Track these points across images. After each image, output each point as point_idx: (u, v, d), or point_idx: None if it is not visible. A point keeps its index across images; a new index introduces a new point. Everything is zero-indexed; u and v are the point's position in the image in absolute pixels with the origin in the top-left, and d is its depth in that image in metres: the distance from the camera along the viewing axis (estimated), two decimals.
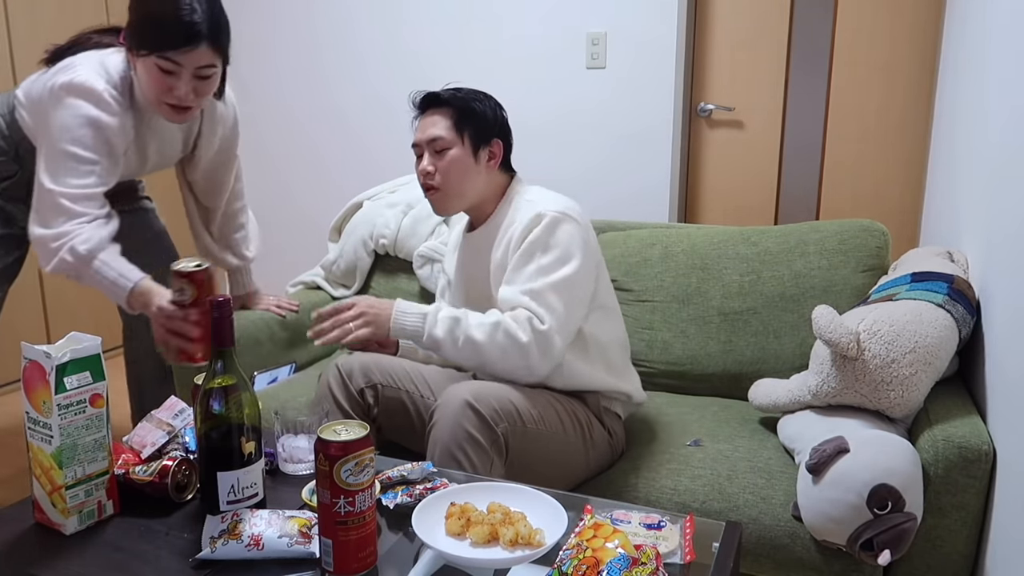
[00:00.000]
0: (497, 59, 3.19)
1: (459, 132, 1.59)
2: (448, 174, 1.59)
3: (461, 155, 1.59)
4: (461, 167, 1.59)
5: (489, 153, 1.62)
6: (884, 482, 1.32)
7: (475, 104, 1.61)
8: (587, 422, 1.59)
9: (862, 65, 2.82)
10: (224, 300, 1.08)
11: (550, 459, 1.51)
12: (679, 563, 1.02)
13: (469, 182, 1.60)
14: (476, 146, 1.60)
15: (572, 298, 1.51)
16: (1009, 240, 1.45)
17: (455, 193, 1.61)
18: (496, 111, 1.65)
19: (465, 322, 1.48)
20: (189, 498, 1.19)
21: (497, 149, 1.63)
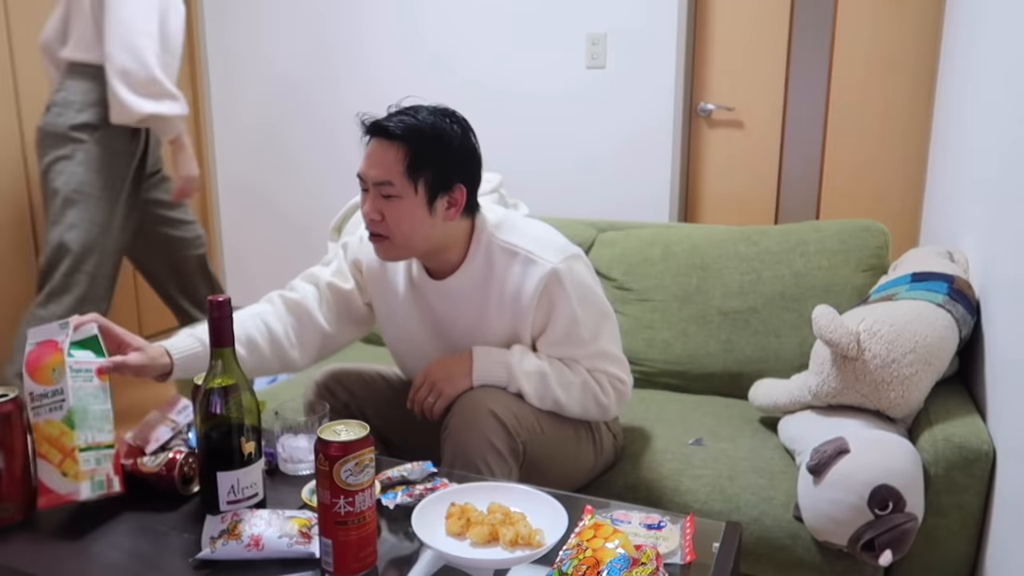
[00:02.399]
0: (497, 59, 3.19)
1: (412, 179, 1.32)
2: (398, 225, 1.34)
3: (413, 206, 1.33)
4: (412, 219, 1.34)
5: (448, 201, 1.36)
6: (885, 482, 1.32)
7: (435, 142, 1.33)
8: (596, 425, 1.58)
9: (862, 65, 2.82)
10: (224, 300, 1.08)
11: (563, 463, 1.50)
12: (679, 563, 1.02)
13: (421, 234, 1.36)
14: (432, 195, 1.34)
15: (617, 334, 1.52)
16: (1009, 240, 1.45)
17: (404, 245, 1.37)
18: (462, 144, 1.36)
19: (551, 380, 1.42)
20: (196, 490, 1.19)
21: (460, 195, 1.36)
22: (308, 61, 3.54)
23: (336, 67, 3.48)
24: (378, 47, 3.38)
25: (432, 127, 1.33)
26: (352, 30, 3.41)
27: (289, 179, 3.72)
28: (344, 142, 3.55)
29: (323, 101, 3.55)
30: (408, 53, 3.33)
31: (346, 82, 3.47)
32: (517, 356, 1.41)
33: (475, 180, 1.39)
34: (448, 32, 3.24)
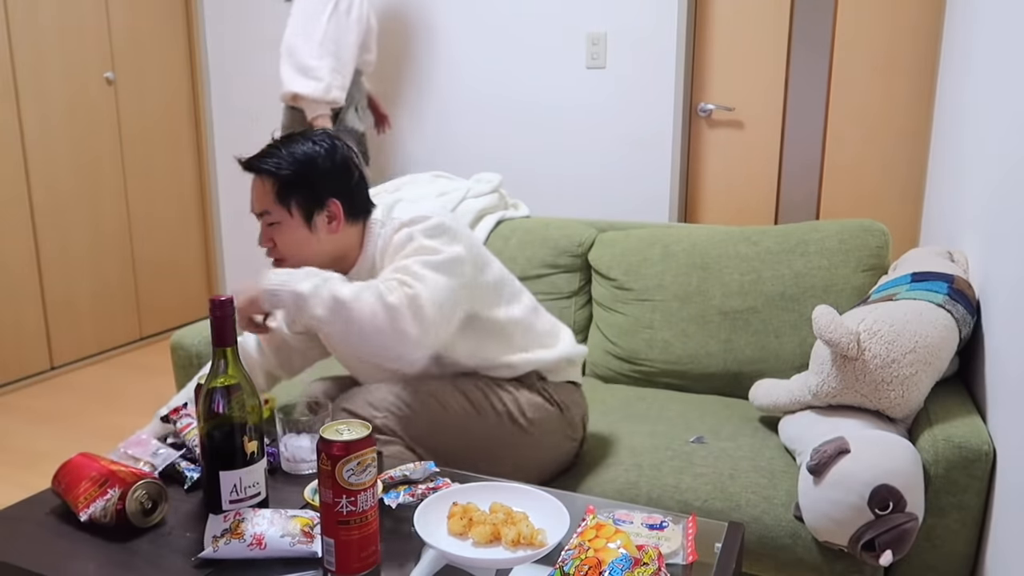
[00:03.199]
0: (497, 58, 3.19)
1: (285, 204, 1.42)
2: (287, 248, 1.45)
3: (293, 228, 1.43)
4: (296, 240, 1.44)
5: (327, 216, 1.44)
6: (885, 482, 1.33)
7: (298, 167, 1.42)
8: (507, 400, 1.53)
9: (862, 65, 2.82)
10: (226, 300, 1.08)
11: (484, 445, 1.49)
12: (681, 564, 1.02)
13: (310, 251, 1.45)
14: (308, 214, 1.43)
15: (450, 278, 1.40)
16: (1009, 240, 1.45)
17: (299, 264, 1.44)
18: (327, 162, 1.44)
19: (332, 280, 1.35)
20: (158, 520, 1.14)
21: (336, 209, 1.44)
22: None
23: None
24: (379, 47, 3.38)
25: (292, 154, 1.43)
26: None
27: None
28: None
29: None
30: (409, 52, 3.33)
31: None
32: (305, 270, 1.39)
33: (349, 191, 1.46)
34: (448, 32, 3.24)
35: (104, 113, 3.48)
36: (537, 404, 1.56)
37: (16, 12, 3.10)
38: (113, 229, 3.59)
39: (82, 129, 3.40)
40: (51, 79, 3.25)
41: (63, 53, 3.28)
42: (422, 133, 3.39)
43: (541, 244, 2.25)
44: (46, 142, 3.26)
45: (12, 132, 3.13)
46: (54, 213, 3.32)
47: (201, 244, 4.02)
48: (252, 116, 3.72)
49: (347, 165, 1.47)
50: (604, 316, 2.17)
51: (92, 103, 3.43)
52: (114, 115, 3.52)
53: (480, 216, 2.36)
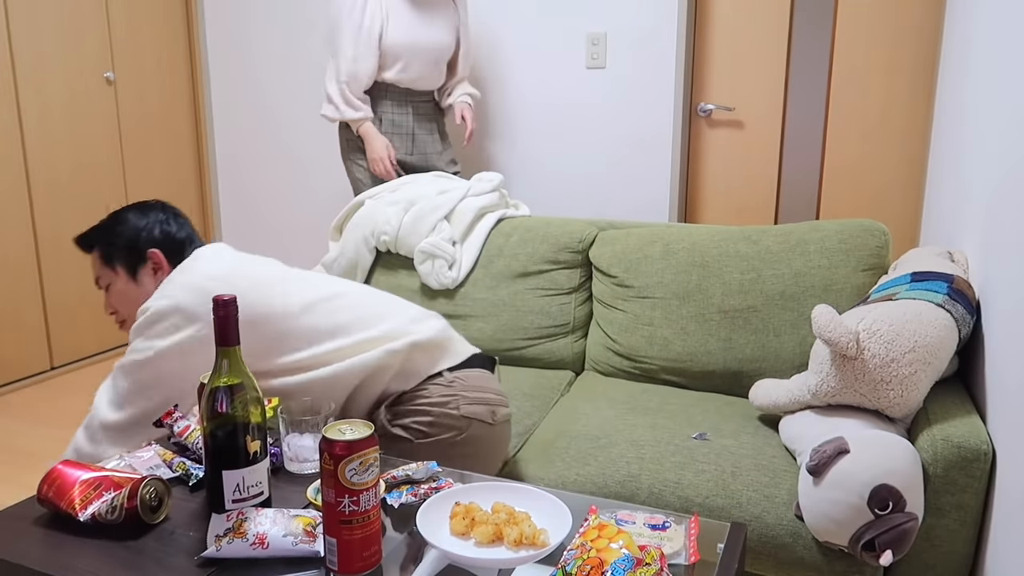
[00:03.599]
0: (497, 58, 3.19)
1: (110, 266, 1.55)
2: (122, 305, 1.56)
3: (120, 285, 1.55)
4: (126, 296, 1.55)
5: (152, 267, 1.54)
6: (885, 482, 1.33)
7: (116, 231, 1.54)
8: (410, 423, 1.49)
9: (862, 65, 2.82)
10: (229, 299, 1.08)
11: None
12: (683, 564, 1.03)
13: (140, 303, 1.53)
14: (132, 270, 1.54)
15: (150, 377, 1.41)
16: (1009, 240, 1.45)
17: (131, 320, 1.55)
18: (142, 219, 1.55)
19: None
20: (163, 517, 1.15)
21: (158, 258, 1.54)
22: (309, 61, 3.54)
23: None
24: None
25: (105, 223, 1.56)
26: None
27: (290, 179, 3.72)
28: None
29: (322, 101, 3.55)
30: None
31: None
32: None
33: (167, 237, 1.55)
34: None
35: (104, 113, 3.48)
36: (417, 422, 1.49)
37: (16, 12, 3.10)
38: None
39: (82, 129, 3.40)
40: (51, 79, 3.25)
41: (63, 53, 3.28)
42: None
43: (542, 241, 2.25)
44: (46, 142, 3.26)
45: (12, 132, 3.13)
46: (54, 213, 3.32)
47: None
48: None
49: (160, 215, 1.57)
50: (604, 313, 2.18)
51: (92, 103, 3.43)
52: (114, 115, 3.52)
53: (480, 215, 2.36)
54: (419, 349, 1.52)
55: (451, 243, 2.31)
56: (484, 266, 2.29)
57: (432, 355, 1.55)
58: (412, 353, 1.51)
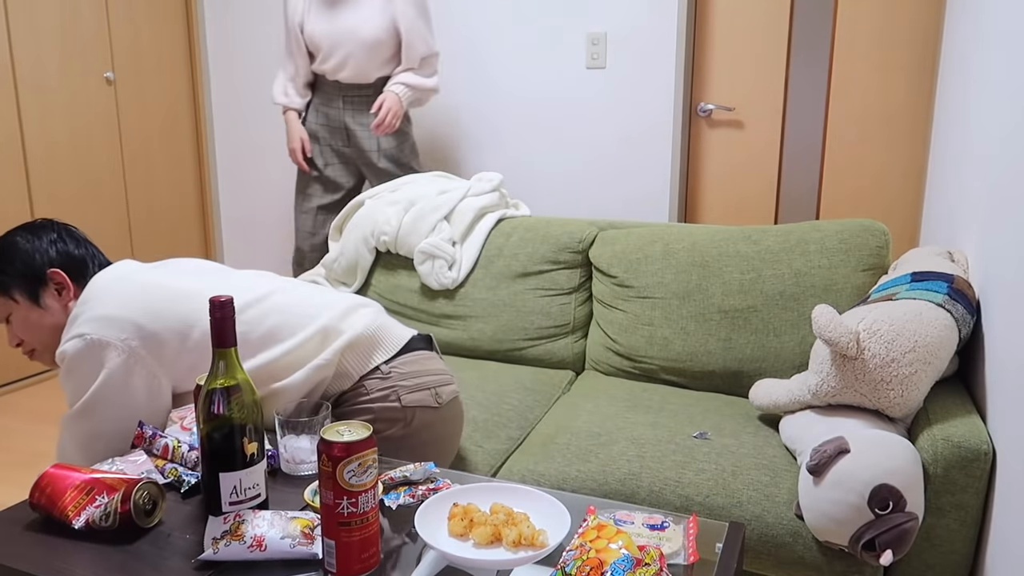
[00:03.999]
0: (497, 58, 3.19)
1: (7, 295, 1.43)
2: (28, 334, 1.45)
3: (23, 313, 1.44)
4: (31, 323, 1.44)
5: (55, 288, 1.44)
6: (885, 482, 1.33)
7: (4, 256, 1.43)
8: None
9: (862, 65, 2.82)
10: (226, 300, 1.08)
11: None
12: (683, 564, 1.02)
13: (49, 331, 1.45)
14: (33, 295, 1.43)
15: (105, 412, 1.35)
16: (1009, 240, 1.45)
17: (49, 346, 1.46)
18: (34, 240, 1.45)
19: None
20: (157, 521, 1.14)
21: (60, 278, 1.44)
22: None
23: None
24: None
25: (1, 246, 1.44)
26: None
27: (290, 179, 3.72)
28: None
29: None
30: None
31: None
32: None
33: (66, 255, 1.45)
34: (448, 32, 3.24)
35: (104, 113, 3.48)
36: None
37: (16, 12, 3.10)
38: (113, 229, 3.58)
39: (82, 129, 3.40)
40: (51, 79, 3.25)
41: (63, 53, 3.28)
42: (423, 133, 3.39)
43: (542, 241, 2.25)
44: (46, 142, 3.26)
45: (12, 132, 3.13)
46: (54, 213, 3.32)
47: (201, 244, 4.01)
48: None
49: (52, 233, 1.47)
50: (604, 313, 2.18)
51: (92, 103, 3.42)
52: (114, 115, 3.52)
53: (481, 214, 2.36)
54: (351, 349, 1.48)
55: (451, 243, 2.30)
56: (484, 266, 2.29)
57: (364, 352, 1.50)
58: (344, 355, 1.47)
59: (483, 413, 1.87)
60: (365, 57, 2.76)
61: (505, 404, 1.94)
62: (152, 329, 1.35)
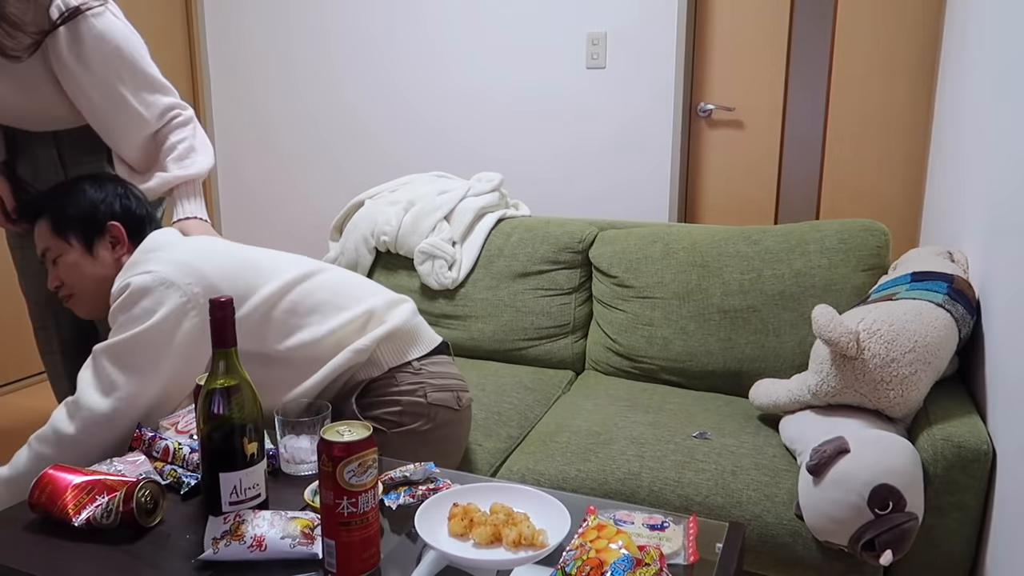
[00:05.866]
0: (498, 59, 3.19)
1: (63, 237, 1.45)
2: (71, 278, 1.46)
3: (74, 258, 1.45)
4: (78, 270, 1.45)
5: (110, 241, 1.47)
6: (885, 482, 1.33)
7: (71, 200, 1.46)
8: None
9: (862, 65, 2.82)
10: (226, 300, 1.08)
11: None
12: (683, 564, 1.02)
13: (96, 281, 1.46)
14: (88, 243, 1.46)
15: (132, 362, 1.32)
16: (1009, 240, 1.45)
17: (84, 294, 1.47)
18: (100, 191, 1.48)
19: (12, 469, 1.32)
20: (158, 520, 1.14)
21: (118, 232, 1.46)
22: (308, 61, 3.54)
23: (336, 67, 3.48)
24: (379, 48, 3.38)
25: (57, 191, 1.48)
26: (353, 31, 3.41)
27: (290, 179, 3.72)
28: (345, 142, 3.55)
29: (323, 101, 3.55)
30: (408, 53, 3.33)
31: (347, 82, 3.48)
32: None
33: (127, 212, 1.48)
34: (449, 32, 3.24)
35: None
36: (387, 413, 1.47)
37: None
38: None
39: None
40: None
41: None
42: (422, 133, 3.39)
43: (542, 241, 2.25)
44: None
45: None
46: None
47: None
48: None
49: (118, 188, 1.50)
50: (604, 313, 2.18)
51: None
52: None
53: (481, 214, 2.36)
54: (388, 339, 1.50)
55: (451, 243, 2.30)
56: (484, 266, 2.29)
57: (401, 345, 1.52)
58: (381, 344, 1.49)
59: (483, 412, 1.88)
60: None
61: (505, 404, 1.94)
62: (218, 285, 1.37)
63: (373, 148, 3.49)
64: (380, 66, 3.39)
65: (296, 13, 3.50)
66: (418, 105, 3.37)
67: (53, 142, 1.87)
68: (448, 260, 2.28)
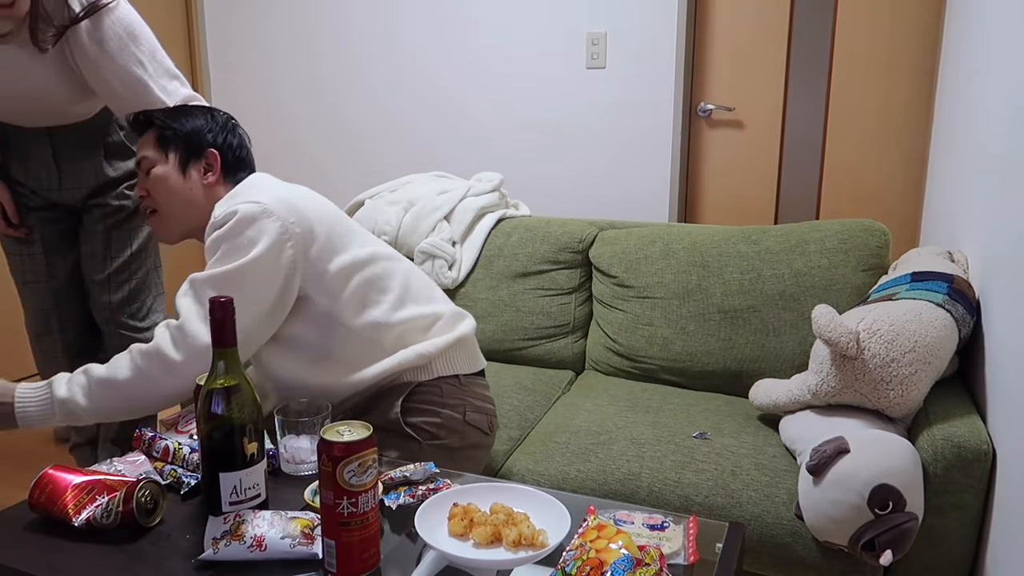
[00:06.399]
0: (497, 59, 3.19)
1: (163, 149, 1.48)
2: (158, 191, 1.48)
3: (166, 171, 1.47)
4: (166, 184, 1.47)
5: (204, 166, 1.49)
6: (885, 482, 1.33)
7: (182, 119, 1.50)
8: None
9: (862, 65, 2.82)
10: (226, 300, 1.08)
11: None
12: (683, 564, 1.02)
13: (180, 200, 1.48)
14: (184, 161, 1.48)
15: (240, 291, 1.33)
16: (1009, 240, 1.45)
17: (168, 212, 1.49)
18: (210, 121, 1.52)
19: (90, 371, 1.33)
20: (158, 520, 1.14)
21: (213, 160, 1.49)
22: (308, 61, 3.54)
23: (337, 67, 3.48)
24: (379, 48, 3.38)
25: (174, 108, 1.55)
26: (353, 31, 3.41)
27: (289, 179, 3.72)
28: (344, 142, 3.55)
29: (322, 102, 3.55)
30: (408, 53, 3.33)
31: (346, 83, 3.47)
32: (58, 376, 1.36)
33: (228, 147, 1.51)
34: (448, 32, 3.24)
35: None
36: (426, 422, 1.47)
37: None
38: None
39: None
40: None
41: None
42: (422, 133, 3.39)
43: (542, 241, 2.25)
44: None
45: None
46: None
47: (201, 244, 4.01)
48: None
49: (228, 124, 1.54)
50: (604, 313, 2.18)
51: None
52: None
53: (481, 214, 2.36)
54: (451, 349, 1.51)
55: (451, 243, 2.30)
56: (484, 266, 2.29)
57: (457, 357, 1.53)
58: (444, 351, 1.50)
59: None
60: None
61: (505, 404, 1.94)
62: (315, 229, 1.40)
63: (372, 148, 3.49)
64: (379, 66, 3.39)
65: (296, 14, 3.50)
66: (417, 105, 3.37)
67: (48, 141, 1.89)
68: (448, 260, 2.28)
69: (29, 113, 1.83)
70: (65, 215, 2.06)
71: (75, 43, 1.68)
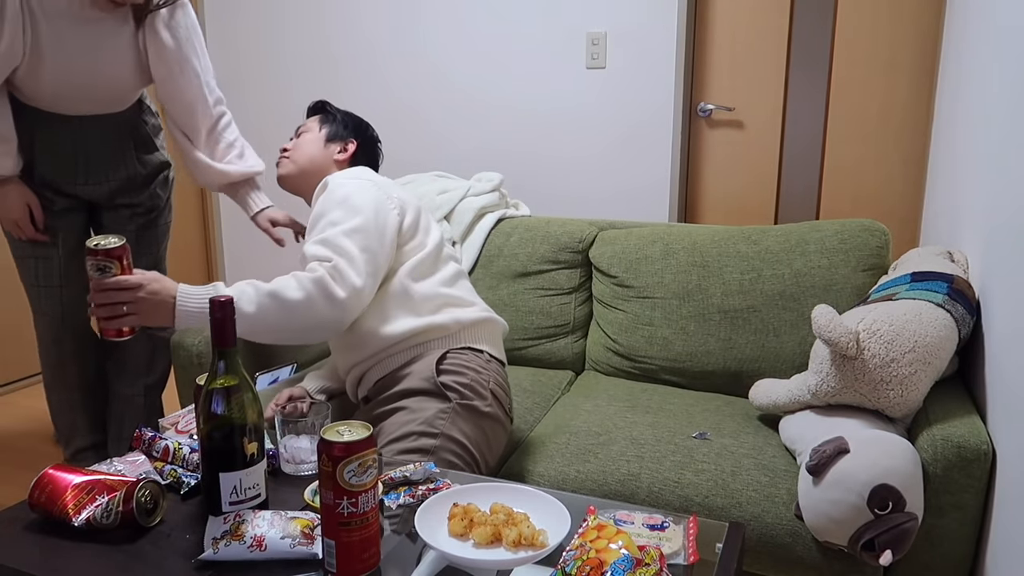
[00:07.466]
0: (497, 58, 3.19)
1: (322, 122, 1.82)
2: (298, 146, 1.79)
3: (314, 136, 1.79)
4: (308, 143, 1.78)
5: (342, 146, 1.79)
6: (885, 482, 1.33)
7: (339, 114, 1.84)
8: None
9: (862, 65, 2.82)
10: (226, 300, 1.08)
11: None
12: (683, 564, 1.02)
13: (309, 156, 1.77)
14: (331, 136, 1.79)
15: (365, 244, 1.53)
16: (1009, 240, 1.45)
17: (296, 159, 1.77)
18: (360, 124, 1.85)
19: (255, 284, 1.45)
20: (158, 520, 1.14)
21: (350, 146, 1.80)
22: (309, 61, 3.54)
23: (336, 67, 3.48)
24: (379, 48, 3.38)
25: (342, 111, 1.86)
26: (353, 30, 3.41)
27: None
28: None
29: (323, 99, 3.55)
30: (409, 53, 3.33)
31: (345, 83, 3.47)
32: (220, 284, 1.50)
33: (363, 142, 1.83)
34: (448, 31, 3.24)
35: None
36: (457, 381, 1.58)
37: None
38: None
39: None
40: None
41: None
42: (423, 133, 3.39)
43: (542, 240, 2.25)
44: None
45: None
46: None
47: (201, 244, 4.01)
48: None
49: (371, 132, 1.87)
50: (604, 313, 2.18)
51: None
52: None
53: (481, 214, 2.36)
54: (482, 324, 1.67)
55: (451, 243, 2.30)
56: (484, 266, 2.29)
57: (486, 336, 1.68)
58: (475, 324, 1.65)
59: None
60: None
61: None
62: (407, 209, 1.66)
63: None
64: (379, 66, 3.39)
65: (296, 14, 3.50)
66: (417, 105, 3.37)
67: (79, 129, 2.00)
68: None
69: (89, 98, 1.98)
70: (86, 220, 2.12)
71: (151, 28, 1.93)
